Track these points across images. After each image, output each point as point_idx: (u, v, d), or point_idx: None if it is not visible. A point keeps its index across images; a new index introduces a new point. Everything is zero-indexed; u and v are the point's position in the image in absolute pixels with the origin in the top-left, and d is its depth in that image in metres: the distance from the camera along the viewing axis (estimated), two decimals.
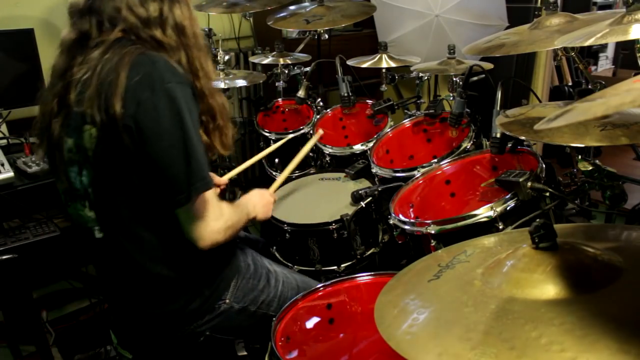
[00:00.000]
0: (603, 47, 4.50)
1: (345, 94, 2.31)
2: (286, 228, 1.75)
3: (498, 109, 1.55)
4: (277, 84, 2.68)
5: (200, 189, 1.16)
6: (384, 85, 2.51)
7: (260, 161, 2.63)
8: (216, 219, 1.21)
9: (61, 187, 1.30)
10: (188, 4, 1.27)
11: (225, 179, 1.78)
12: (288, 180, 2.15)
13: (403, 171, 1.79)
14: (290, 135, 2.32)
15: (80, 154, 1.20)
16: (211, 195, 1.20)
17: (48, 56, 2.35)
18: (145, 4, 1.18)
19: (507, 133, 1.41)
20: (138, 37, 1.19)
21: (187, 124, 1.13)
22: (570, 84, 3.27)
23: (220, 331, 1.38)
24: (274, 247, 1.85)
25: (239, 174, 2.01)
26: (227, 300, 1.36)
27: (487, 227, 1.35)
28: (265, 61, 2.64)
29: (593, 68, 4.40)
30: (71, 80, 1.18)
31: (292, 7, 2.76)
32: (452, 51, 2.18)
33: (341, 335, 1.35)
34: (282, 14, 2.69)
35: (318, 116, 2.44)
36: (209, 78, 1.28)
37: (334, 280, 1.39)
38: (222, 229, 1.22)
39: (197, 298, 1.31)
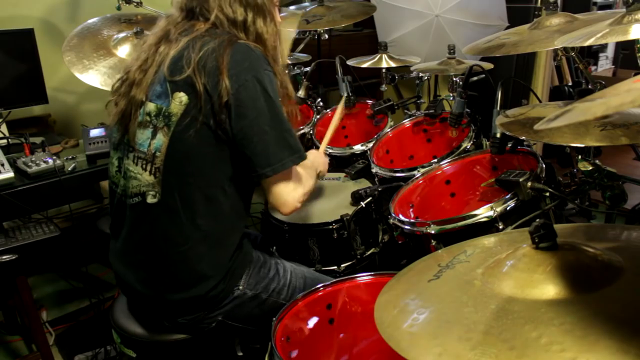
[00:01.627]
0: (603, 47, 4.49)
1: (345, 94, 2.32)
2: (286, 228, 1.75)
3: (498, 109, 1.55)
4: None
5: (298, 160, 1.30)
6: (384, 85, 2.51)
7: None
8: (298, 188, 1.35)
9: (114, 154, 1.39)
10: (274, 20, 1.39)
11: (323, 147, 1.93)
12: None
13: (403, 171, 1.80)
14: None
15: (161, 118, 1.27)
16: (297, 167, 1.34)
17: (48, 56, 2.37)
18: (233, 5, 1.31)
19: (507, 133, 1.41)
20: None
21: (278, 106, 1.27)
22: (570, 84, 3.26)
23: (232, 318, 1.39)
24: (274, 247, 1.85)
25: None
26: (241, 287, 1.38)
27: (487, 227, 1.35)
28: None
29: (593, 68, 4.40)
30: (160, 53, 1.31)
31: (292, 7, 2.77)
32: (452, 51, 2.18)
33: (341, 335, 1.35)
34: (282, 14, 2.69)
35: (318, 116, 2.44)
36: (288, 97, 1.39)
37: (334, 280, 1.39)
38: (302, 196, 1.36)
39: (219, 284, 1.33)
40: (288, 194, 1.32)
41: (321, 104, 2.57)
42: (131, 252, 1.38)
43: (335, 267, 1.76)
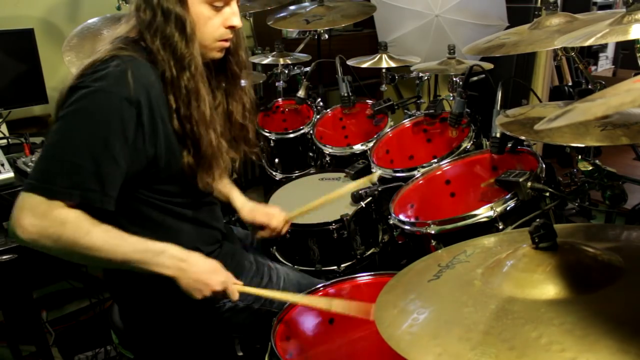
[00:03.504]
0: (603, 47, 4.49)
1: (345, 94, 2.32)
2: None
3: (498, 109, 1.55)
4: (277, 84, 2.68)
5: (36, 189, 1.09)
6: (384, 85, 2.51)
7: (260, 161, 2.63)
8: (34, 219, 1.08)
9: None
10: (185, 29, 1.18)
11: (286, 222, 1.59)
12: (288, 180, 2.15)
13: (403, 171, 1.79)
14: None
15: None
16: (53, 201, 1.09)
17: (48, 56, 2.37)
18: (147, 8, 1.18)
19: (507, 133, 1.41)
20: (140, 34, 1.21)
21: (79, 129, 1.09)
22: (570, 84, 3.26)
23: (225, 329, 1.38)
24: (274, 247, 1.85)
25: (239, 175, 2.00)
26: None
27: (487, 227, 1.35)
28: (265, 61, 2.64)
29: (593, 68, 4.40)
30: None
31: (292, 7, 2.77)
32: (452, 51, 2.18)
33: (341, 335, 1.35)
34: (282, 14, 2.69)
35: (318, 116, 2.44)
36: (202, 106, 1.22)
37: (334, 280, 1.39)
38: (31, 232, 1.08)
39: (199, 300, 1.31)
40: (17, 214, 1.09)
41: (321, 104, 2.57)
42: (109, 274, 1.39)
43: (335, 267, 1.76)
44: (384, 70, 2.45)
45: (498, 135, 1.53)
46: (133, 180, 1.18)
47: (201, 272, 1.20)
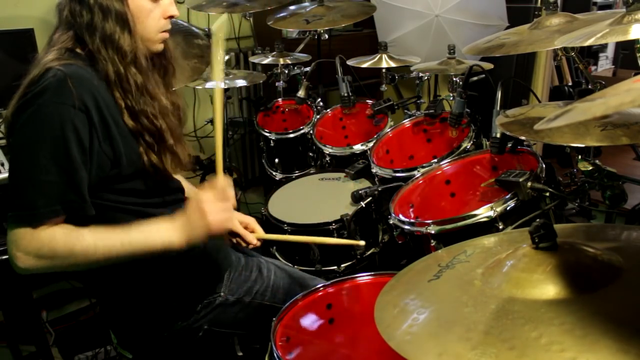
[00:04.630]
0: (603, 47, 4.49)
1: (345, 94, 2.32)
2: (286, 228, 1.75)
3: (498, 109, 1.55)
4: (277, 84, 2.68)
5: (21, 217, 1.09)
6: (384, 85, 2.51)
7: (260, 161, 2.63)
8: (25, 246, 1.09)
9: None
10: (127, 23, 1.19)
11: (258, 236, 1.47)
12: (288, 180, 2.16)
13: (403, 171, 1.79)
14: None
15: None
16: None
17: None
18: (83, 10, 1.17)
19: (507, 133, 1.41)
20: (76, 39, 1.19)
21: (41, 151, 1.09)
22: (570, 84, 3.26)
23: (218, 325, 1.38)
24: (274, 247, 1.85)
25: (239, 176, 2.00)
26: (222, 294, 1.37)
27: (487, 227, 1.35)
28: (265, 61, 2.64)
29: (593, 68, 4.40)
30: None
31: (292, 7, 2.76)
32: (452, 51, 2.18)
33: (341, 335, 1.35)
34: (282, 14, 2.69)
35: (318, 116, 2.44)
36: (152, 99, 1.23)
37: (334, 280, 1.39)
38: (26, 258, 1.10)
39: (189, 295, 1.32)
40: (10, 246, 1.10)
41: (321, 104, 2.57)
42: (95, 276, 1.37)
43: (335, 267, 1.76)
44: (384, 70, 2.45)
45: (498, 135, 1.53)
46: (101, 185, 1.18)
47: (202, 212, 1.18)
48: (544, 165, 1.42)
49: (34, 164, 1.09)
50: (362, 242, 1.47)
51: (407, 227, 1.50)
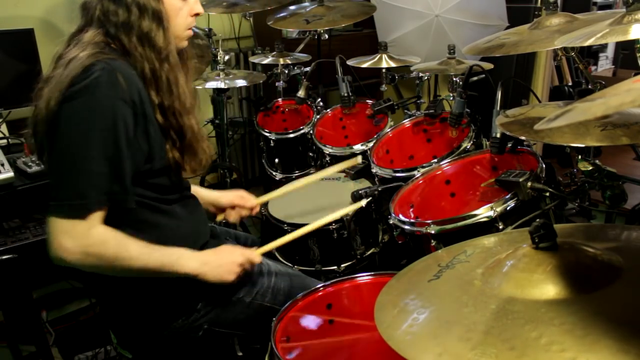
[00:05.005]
0: (603, 47, 4.50)
1: (345, 94, 2.32)
2: (286, 228, 1.75)
3: (498, 109, 1.55)
4: (277, 84, 2.68)
5: (74, 206, 1.12)
6: (384, 85, 2.51)
7: (260, 161, 2.63)
8: (75, 239, 1.13)
9: None
10: (162, 21, 1.23)
11: (257, 201, 1.68)
12: (288, 180, 2.15)
13: (403, 171, 1.79)
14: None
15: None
16: (87, 217, 1.13)
17: (48, 56, 2.35)
18: (119, 9, 1.20)
19: (507, 133, 1.41)
20: (110, 37, 1.21)
21: (90, 143, 1.11)
22: (570, 84, 3.26)
23: (218, 325, 1.38)
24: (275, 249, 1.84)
25: (239, 175, 2.00)
26: (222, 293, 1.37)
27: (487, 227, 1.34)
28: (265, 61, 2.64)
29: (593, 68, 4.40)
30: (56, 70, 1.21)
31: (292, 7, 2.77)
32: (452, 51, 2.18)
33: (341, 335, 1.35)
34: (282, 14, 2.69)
35: (318, 116, 2.44)
36: (181, 96, 1.27)
37: (334, 280, 1.39)
38: (75, 252, 1.13)
39: (189, 293, 1.32)
40: (56, 237, 1.14)
41: (321, 104, 2.57)
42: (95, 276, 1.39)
43: (335, 267, 1.76)
44: (384, 70, 2.45)
45: (498, 135, 1.53)
46: (133, 179, 1.20)
47: (220, 256, 1.30)
48: (544, 165, 1.42)
49: (86, 155, 1.11)
50: (359, 159, 1.55)
51: (407, 227, 1.50)
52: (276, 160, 2.48)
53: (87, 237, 1.13)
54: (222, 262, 1.29)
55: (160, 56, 1.22)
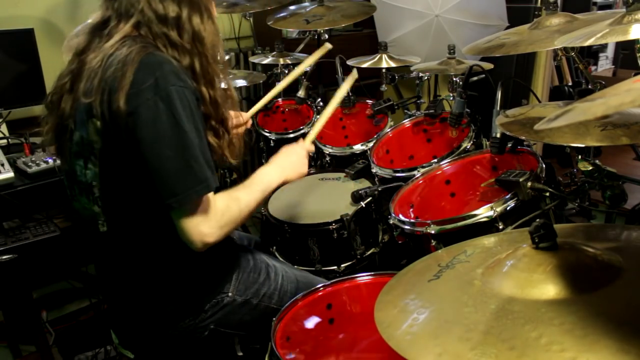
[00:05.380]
0: (603, 47, 4.50)
1: (345, 94, 2.31)
2: (286, 228, 1.75)
3: (498, 109, 1.55)
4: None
5: (201, 191, 1.15)
6: (384, 85, 2.51)
7: (260, 161, 2.63)
8: (206, 222, 1.17)
9: (65, 182, 1.33)
10: (211, 16, 1.28)
11: (248, 115, 1.75)
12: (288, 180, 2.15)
13: (403, 171, 1.79)
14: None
15: (87, 147, 1.22)
16: (208, 197, 1.18)
17: (48, 56, 2.37)
18: (164, 2, 1.20)
19: (507, 133, 1.41)
20: (151, 32, 1.21)
21: (185, 127, 1.13)
22: (570, 84, 3.26)
23: (224, 325, 1.38)
24: (274, 247, 1.85)
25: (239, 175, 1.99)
26: (230, 294, 1.37)
27: (487, 227, 1.34)
28: (265, 61, 2.64)
29: (593, 68, 4.40)
30: (85, 65, 1.21)
31: (292, 7, 2.77)
32: (452, 51, 2.18)
33: (341, 335, 1.35)
34: (282, 14, 2.69)
35: (318, 116, 2.44)
36: (219, 88, 1.31)
37: (334, 280, 1.39)
38: (214, 229, 1.18)
39: (198, 294, 1.33)
40: (193, 229, 1.16)
41: (321, 104, 2.57)
42: (103, 275, 1.40)
43: (335, 267, 1.76)
44: (384, 70, 2.45)
45: (498, 135, 1.53)
46: None
47: (290, 158, 1.47)
48: (544, 165, 1.42)
49: (185, 143, 1.13)
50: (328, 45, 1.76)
51: (407, 227, 1.50)
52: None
53: (216, 214, 1.19)
54: (293, 160, 1.46)
55: (213, 52, 1.26)
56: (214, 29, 1.28)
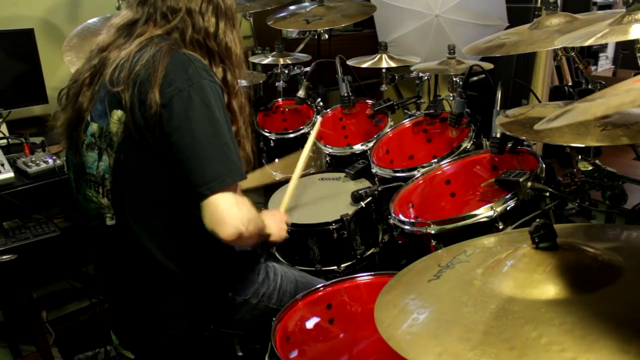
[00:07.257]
0: (603, 47, 4.49)
1: (345, 94, 2.32)
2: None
3: (498, 109, 1.55)
4: (277, 84, 2.68)
5: (235, 177, 1.17)
6: (384, 85, 2.51)
7: (260, 161, 2.64)
8: (243, 208, 1.18)
9: (71, 175, 1.34)
10: (238, 29, 1.34)
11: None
12: (288, 180, 2.15)
13: (403, 171, 1.79)
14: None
15: (104, 139, 1.23)
16: (239, 186, 1.21)
17: (48, 56, 2.37)
18: (205, 15, 1.24)
19: (507, 133, 1.41)
20: (183, 39, 1.24)
21: (219, 119, 1.16)
22: (570, 84, 3.26)
23: (224, 325, 1.39)
24: (274, 247, 1.85)
25: None
26: (230, 294, 1.37)
27: (487, 227, 1.34)
28: (265, 61, 2.64)
29: (593, 68, 4.40)
30: (109, 59, 1.23)
31: (292, 7, 2.77)
32: (452, 51, 2.18)
33: (341, 335, 1.35)
34: (282, 14, 2.69)
35: (318, 116, 2.44)
36: (240, 97, 1.35)
37: (334, 280, 1.39)
38: (247, 221, 1.17)
39: (200, 293, 1.33)
40: (228, 210, 1.14)
41: (321, 104, 2.57)
42: (105, 273, 1.39)
43: (335, 267, 1.76)
44: (384, 70, 2.45)
45: (498, 135, 1.53)
46: None
47: (274, 219, 1.46)
48: (544, 165, 1.42)
49: (219, 133, 1.16)
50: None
51: (407, 227, 1.50)
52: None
53: (246, 203, 1.19)
54: (277, 224, 1.45)
55: (239, 66, 1.33)
56: (239, 39, 1.33)
